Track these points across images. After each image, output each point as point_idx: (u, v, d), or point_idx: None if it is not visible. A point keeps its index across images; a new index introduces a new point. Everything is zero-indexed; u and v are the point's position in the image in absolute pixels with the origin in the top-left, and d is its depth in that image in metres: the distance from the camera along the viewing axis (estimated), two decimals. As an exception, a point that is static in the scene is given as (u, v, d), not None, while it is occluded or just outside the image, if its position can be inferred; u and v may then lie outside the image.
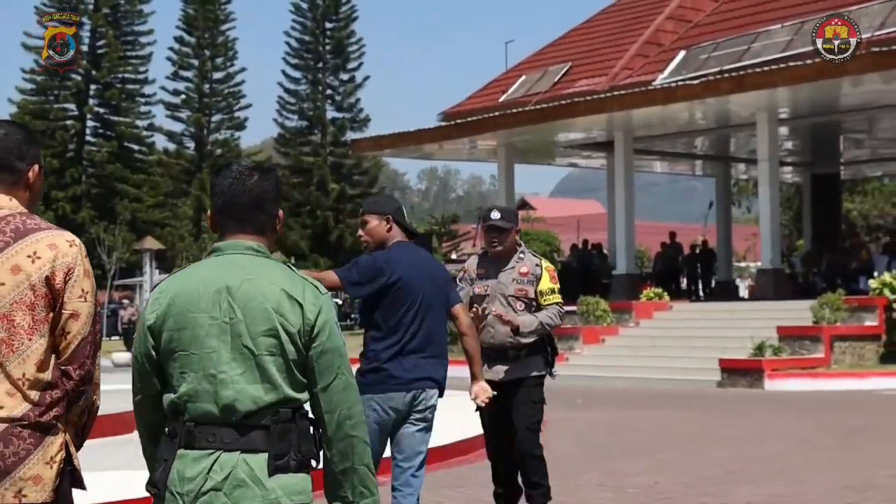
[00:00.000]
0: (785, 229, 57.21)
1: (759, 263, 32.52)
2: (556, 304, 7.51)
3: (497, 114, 31.23)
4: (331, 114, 63.95)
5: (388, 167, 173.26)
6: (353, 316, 55.48)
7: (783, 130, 31.76)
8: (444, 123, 33.99)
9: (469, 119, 31.74)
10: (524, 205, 77.07)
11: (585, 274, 32.22)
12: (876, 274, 25.09)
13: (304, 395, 3.23)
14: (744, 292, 43.04)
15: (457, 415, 14.51)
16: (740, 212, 57.77)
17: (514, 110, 30.71)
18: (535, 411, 7.43)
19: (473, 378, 6.65)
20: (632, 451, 12.13)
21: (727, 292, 33.55)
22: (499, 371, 7.37)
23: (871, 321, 22.95)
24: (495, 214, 7.53)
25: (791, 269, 30.92)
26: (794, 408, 17.52)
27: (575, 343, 25.22)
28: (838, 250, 30.86)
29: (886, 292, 23.00)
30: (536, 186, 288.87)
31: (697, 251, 37.22)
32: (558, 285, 7.61)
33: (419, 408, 6.04)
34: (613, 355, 24.32)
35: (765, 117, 27.92)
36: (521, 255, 7.58)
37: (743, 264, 65.04)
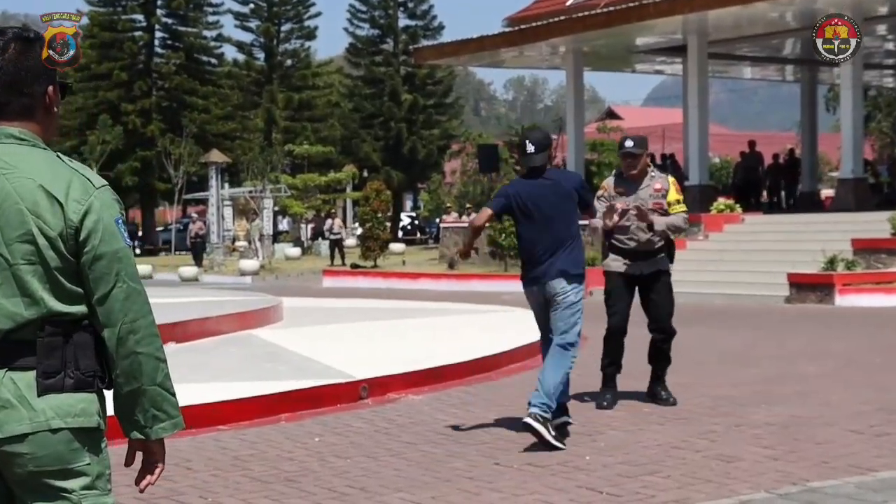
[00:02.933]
0: (886, 137, 55.98)
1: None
2: (683, 212, 9.58)
3: (562, 18, 30.67)
4: (403, 21, 63.57)
5: (473, 77, 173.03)
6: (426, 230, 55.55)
7: (881, 28, 30.80)
8: (508, 29, 33.51)
9: (534, 24, 31.24)
10: (610, 114, 76.21)
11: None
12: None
13: (80, 308, 2.94)
14: (833, 204, 42.20)
15: (477, 332, 14.46)
16: (836, 118, 56.32)
17: (581, 14, 30.14)
18: (672, 299, 9.80)
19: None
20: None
21: (811, 204, 32.88)
22: (642, 266, 9.56)
23: (955, 231, 22.33)
24: (629, 143, 9.52)
25: (877, 179, 30.16)
26: (860, 325, 17.12)
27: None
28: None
29: (973, 200, 22.34)
30: (628, 94, 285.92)
31: (781, 161, 36.54)
32: (682, 196, 9.68)
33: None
34: (679, 270, 23.72)
35: (848, 13, 27.02)
36: (653, 174, 9.57)
37: (836, 174, 63.87)
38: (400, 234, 56.23)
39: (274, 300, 17.11)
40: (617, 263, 9.62)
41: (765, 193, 35.27)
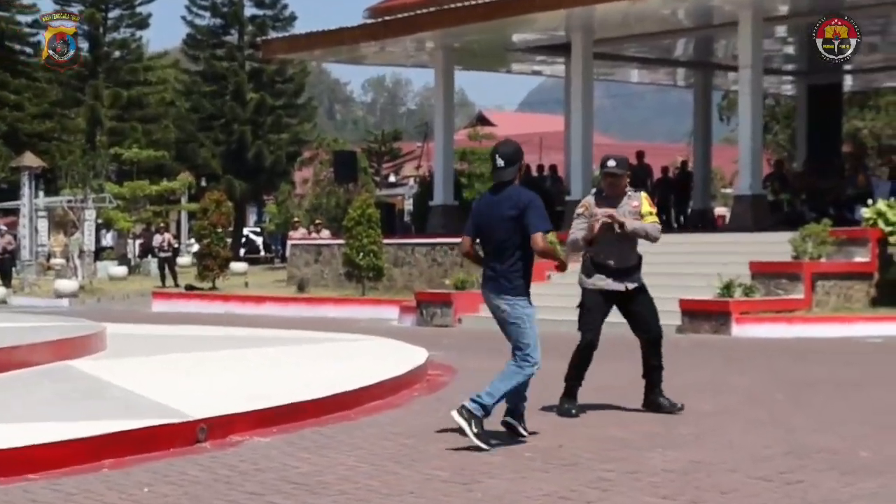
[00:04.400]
0: (782, 150, 57.14)
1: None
2: (655, 222, 11.15)
3: (433, 9, 30.66)
4: (249, 10, 63.19)
5: (327, 76, 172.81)
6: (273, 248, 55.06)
7: (780, 30, 31.39)
8: (370, 21, 33.40)
9: (399, 16, 31.17)
10: (482, 119, 76.69)
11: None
12: (870, 202, 24.85)
13: None
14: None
15: (332, 364, 14.26)
16: (731, 129, 57.37)
17: (454, 5, 30.16)
18: (655, 308, 11.50)
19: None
20: (534, 407, 11.80)
21: (703, 223, 33.37)
22: (626, 282, 11.14)
23: (862, 257, 22.80)
24: (612, 163, 11.15)
25: (776, 196, 30.69)
26: (760, 357, 17.32)
27: (515, 280, 24.85)
28: (832, 174, 30.67)
29: (881, 223, 22.79)
30: (501, 98, 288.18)
31: (672, 175, 37.04)
32: (655, 209, 11.36)
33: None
34: (560, 294, 23.97)
35: (748, 15, 27.54)
36: (630, 194, 11.19)
37: (730, 190, 64.98)
38: (242, 251, 55.66)
39: (95, 326, 16.65)
40: (603, 281, 11.18)
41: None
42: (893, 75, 42.12)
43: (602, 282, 11.20)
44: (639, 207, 11.08)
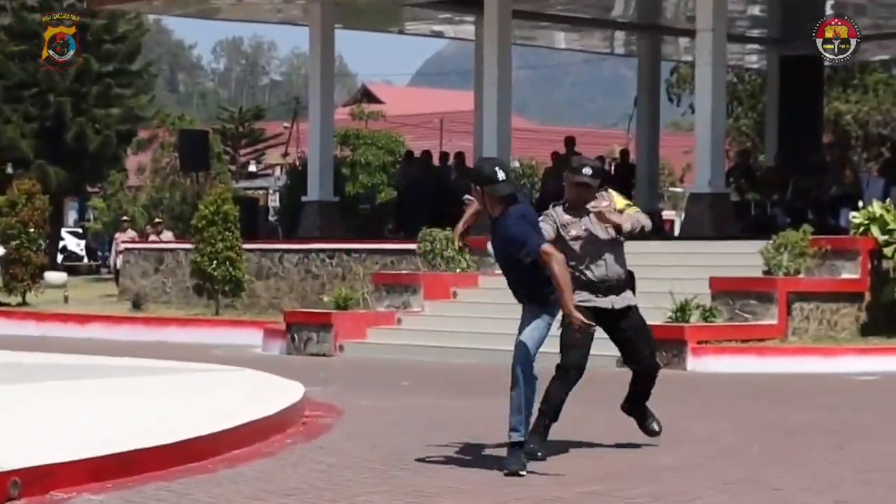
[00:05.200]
0: (745, 139, 57.61)
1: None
2: (637, 211, 12.15)
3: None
4: (71, -52, 62.40)
5: (168, 37, 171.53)
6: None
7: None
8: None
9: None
10: (366, 96, 76.78)
11: (438, 197, 31.85)
12: (861, 204, 25.02)
13: None
14: (678, 229, 43.13)
15: (183, 402, 14.04)
16: (680, 111, 57.72)
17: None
18: (650, 334, 12.50)
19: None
20: (450, 460, 11.70)
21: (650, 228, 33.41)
22: (613, 300, 11.83)
23: (851, 273, 22.88)
24: (587, 171, 11.78)
25: (741, 196, 30.86)
26: (724, 397, 17.36)
27: (412, 298, 24.82)
28: (812, 169, 30.87)
29: (874, 230, 22.90)
30: (391, 68, 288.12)
31: (611, 167, 37.13)
32: (630, 200, 12.53)
33: None
34: (468, 316, 23.97)
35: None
36: (599, 194, 11.82)
37: (679, 189, 65.38)
38: (60, 258, 55.00)
39: None
40: (583, 297, 11.59)
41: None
42: (884, 46, 42.37)
43: (581, 296, 11.51)
44: (610, 207, 11.75)
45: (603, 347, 13.01)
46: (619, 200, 11.93)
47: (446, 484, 10.47)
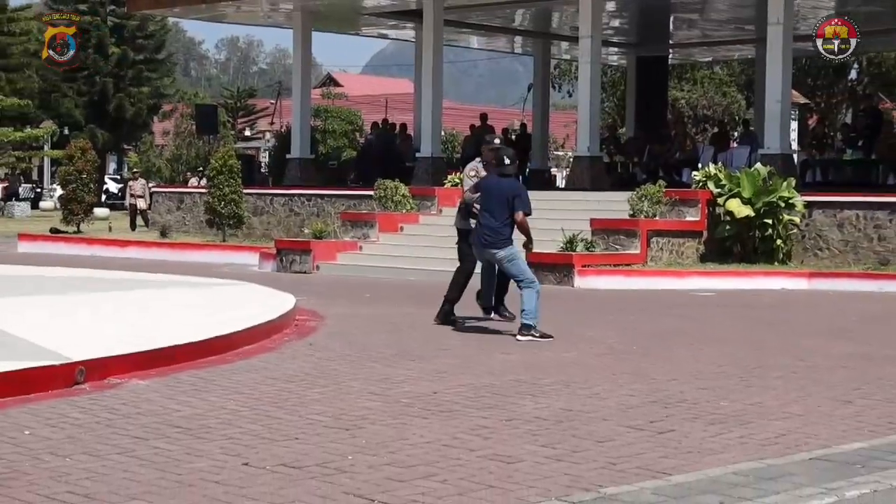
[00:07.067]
0: (608, 117, 57.34)
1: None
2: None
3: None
4: (112, -34, 61.09)
5: (183, 34, 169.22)
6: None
7: (610, 6, 31.27)
8: (234, -20, 32.38)
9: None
10: (329, 80, 75.76)
11: (387, 156, 31.41)
12: (700, 166, 24.84)
13: None
14: (561, 183, 42.87)
15: (205, 308, 13.60)
16: (560, 96, 57.36)
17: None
18: None
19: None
20: (409, 354, 11.36)
21: (541, 182, 33.11)
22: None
23: (693, 216, 22.66)
24: (497, 140, 14.96)
25: (611, 158, 30.56)
26: (603, 308, 17.10)
27: (370, 231, 24.42)
28: (662, 139, 30.65)
29: (710, 185, 22.68)
30: (347, 60, 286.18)
31: (512, 136, 36.76)
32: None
33: None
34: (412, 245, 23.57)
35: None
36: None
37: (561, 153, 65.22)
38: (103, 198, 54.11)
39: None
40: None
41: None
42: (709, 50, 42.37)
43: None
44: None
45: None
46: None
47: (408, 373, 10.14)
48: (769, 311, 17.13)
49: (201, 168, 38.36)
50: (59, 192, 40.43)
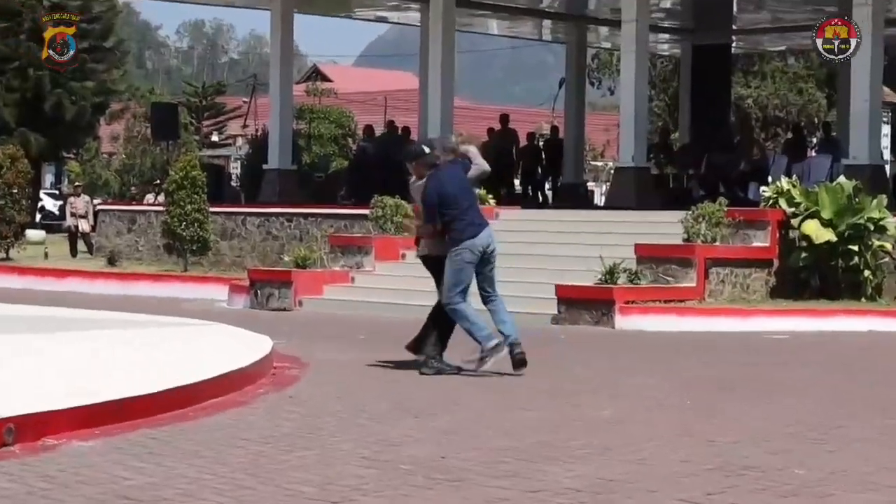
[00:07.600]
0: (658, 119, 57.62)
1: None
2: None
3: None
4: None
5: (136, 17, 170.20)
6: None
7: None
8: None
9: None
10: (315, 74, 76.22)
11: (386, 167, 31.54)
12: (770, 179, 24.96)
13: None
14: (599, 200, 43.06)
15: (163, 353, 13.67)
16: (599, 93, 57.72)
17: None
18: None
19: None
20: (410, 410, 11.44)
21: (575, 197, 33.29)
22: None
23: (761, 242, 22.80)
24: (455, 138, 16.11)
25: (660, 170, 30.73)
26: (651, 353, 17.16)
27: (364, 258, 24.59)
28: (724, 147, 30.80)
29: (782, 203, 22.81)
30: (336, 50, 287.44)
31: (539, 143, 36.94)
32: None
33: None
34: (416, 275, 23.54)
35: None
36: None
37: (600, 163, 65.46)
38: (38, 217, 54.40)
39: None
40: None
41: (516, 182, 35.53)
42: (781, 38, 42.45)
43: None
44: None
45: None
46: None
47: (409, 433, 10.21)
48: (854, 357, 17.18)
49: (158, 181, 38.51)
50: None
